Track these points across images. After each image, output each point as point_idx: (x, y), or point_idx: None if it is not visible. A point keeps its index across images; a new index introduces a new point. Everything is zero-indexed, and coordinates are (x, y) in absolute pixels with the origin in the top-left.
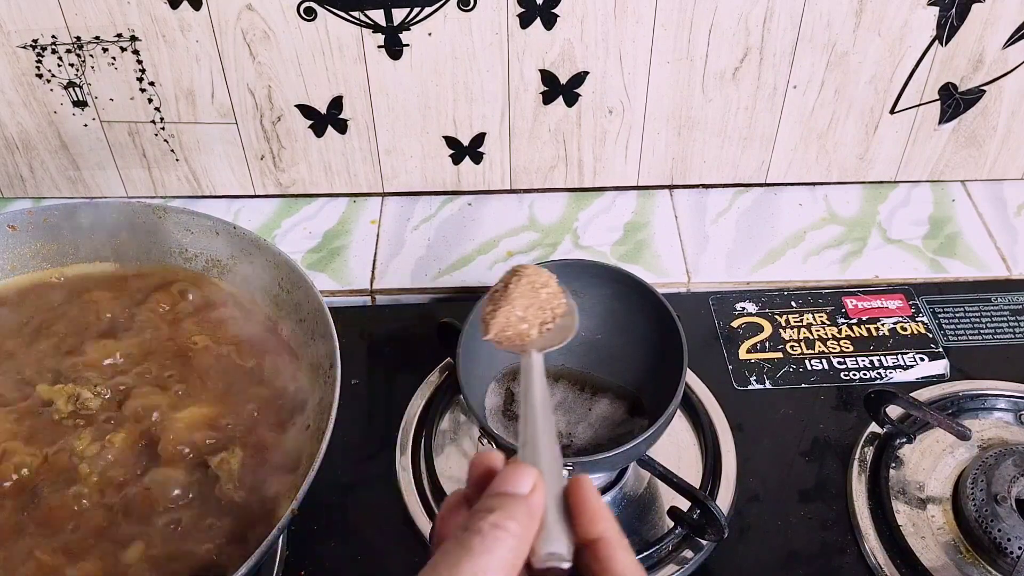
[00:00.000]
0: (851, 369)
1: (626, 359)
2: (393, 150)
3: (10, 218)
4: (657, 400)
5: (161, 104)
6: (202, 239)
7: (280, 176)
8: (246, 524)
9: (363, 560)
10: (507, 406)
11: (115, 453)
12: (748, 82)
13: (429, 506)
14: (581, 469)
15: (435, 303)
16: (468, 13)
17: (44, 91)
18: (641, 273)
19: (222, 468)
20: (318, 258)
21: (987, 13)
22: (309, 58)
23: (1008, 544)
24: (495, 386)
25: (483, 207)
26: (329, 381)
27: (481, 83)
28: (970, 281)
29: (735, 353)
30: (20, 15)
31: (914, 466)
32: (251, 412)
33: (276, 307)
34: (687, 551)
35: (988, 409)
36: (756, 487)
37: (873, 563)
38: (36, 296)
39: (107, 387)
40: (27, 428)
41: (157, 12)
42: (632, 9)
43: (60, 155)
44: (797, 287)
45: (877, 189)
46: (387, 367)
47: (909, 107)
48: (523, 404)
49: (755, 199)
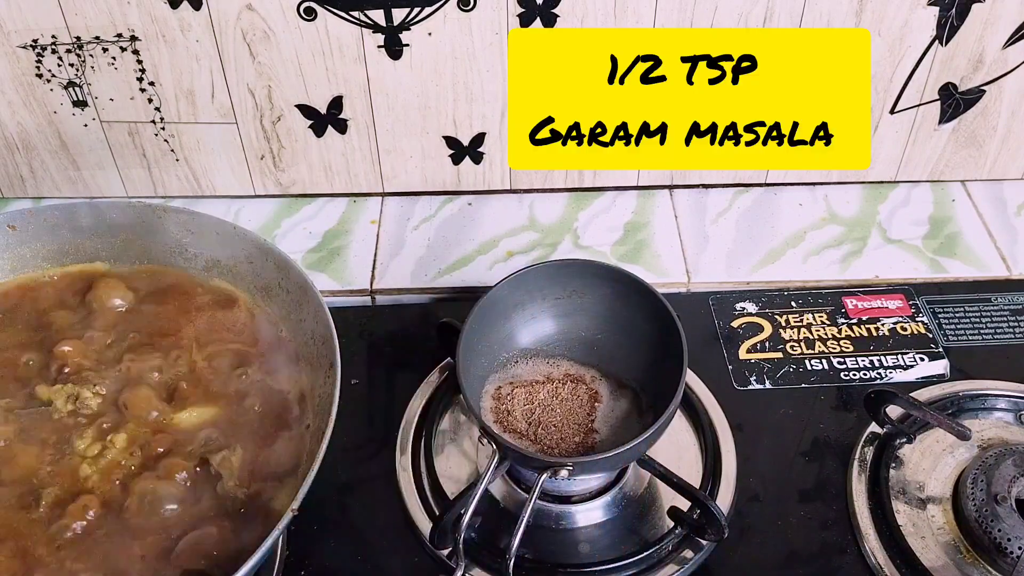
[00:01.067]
0: (851, 369)
1: (626, 359)
2: (393, 150)
3: (10, 218)
4: (657, 400)
5: (161, 104)
6: (202, 239)
7: (280, 176)
8: (246, 524)
9: (363, 560)
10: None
11: (116, 453)
12: None
13: (429, 506)
14: (581, 469)
15: (435, 303)
16: (468, 13)
17: (44, 91)
18: (641, 273)
19: (223, 467)
20: (318, 258)
21: (987, 13)
22: (309, 58)
23: (1008, 544)
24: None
25: (483, 207)
26: (329, 381)
27: (481, 83)
28: (970, 281)
29: (735, 353)
30: (20, 15)
31: (914, 466)
32: (251, 411)
33: (276, 307)
34: (687, 551)
35: (988, 409)
36: (756, 487)
37: (873, 563)
38: (35, 296)
39: (106, 387)
40: (27, 428)
41: (157, 12)
42: (632, 9)
43: (60, 155)
44: (797, 287)
45: (877, 189)
46: (387, 367)
47: (909, 107)
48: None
49: (755, 199)
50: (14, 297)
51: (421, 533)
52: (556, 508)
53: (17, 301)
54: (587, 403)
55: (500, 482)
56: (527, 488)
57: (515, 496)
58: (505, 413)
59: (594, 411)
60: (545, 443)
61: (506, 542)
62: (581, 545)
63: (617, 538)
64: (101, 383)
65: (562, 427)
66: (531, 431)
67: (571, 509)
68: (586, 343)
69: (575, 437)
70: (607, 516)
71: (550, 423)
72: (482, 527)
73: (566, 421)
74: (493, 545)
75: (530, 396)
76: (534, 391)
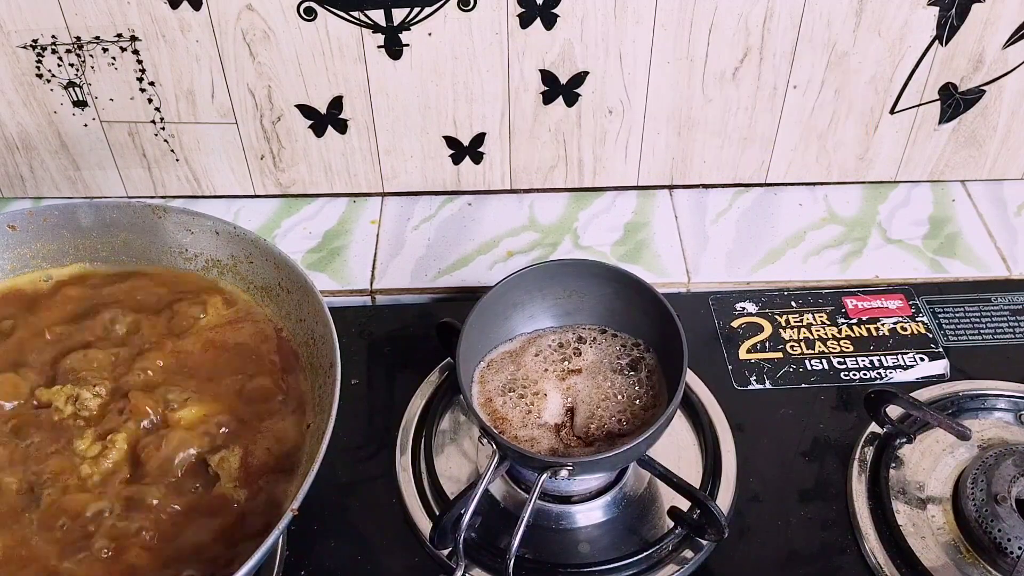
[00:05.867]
0: (851, 369)
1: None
2: (393, 150)
3: (10, 218)
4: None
5: (161, 104)
6: (202, 239)
7: (280, 176)
8: (246, 524)
9: (363, 560)
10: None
11: (116, 454)
12: (748, 82)
13: (429, 506)
14: (581, 469)
15: (435, 303)
16: (468, 13)
17: (44, 91)
18: (641, 273)
19: (222, 467)
20: (318, 258)
21: (987, 13)
22: (309, 58)
23: (1008, 544)
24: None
25: (483, 207)
26: (329, 381)
27: (481, 83)
28: (970, 281)
29: (735, 353)
30: (20, 15)
31: (914, 466)
32: (251, 411)
33: (276, 307)
34: (687, 551)
35: (988, 409)
36: (756, 487)
37: (873, 563)
38: (35, 295)
39: (106, 387)
40: (27, 428)
41: (157, 12)
42: (632, 9)
43: (60, 155)
44: (797, 287)
45: (877, 189)
46: (387, 367)
47: (909, 107)
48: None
49: (755, 199)
50: (15, 297)
51: (421, 533)
52: (556, 508)
53: (18, 302)
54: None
55: (500, 482)
56: (527, 488)
57: (515, 496)
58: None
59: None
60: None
61: (506, 542)
62: (581, 545)
63: (617, 538)
64: (101, 384)
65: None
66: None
67: (571, 509)
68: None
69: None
70: (607, 516)
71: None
72: (482, 527)
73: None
74: (493, 545)
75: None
76: None
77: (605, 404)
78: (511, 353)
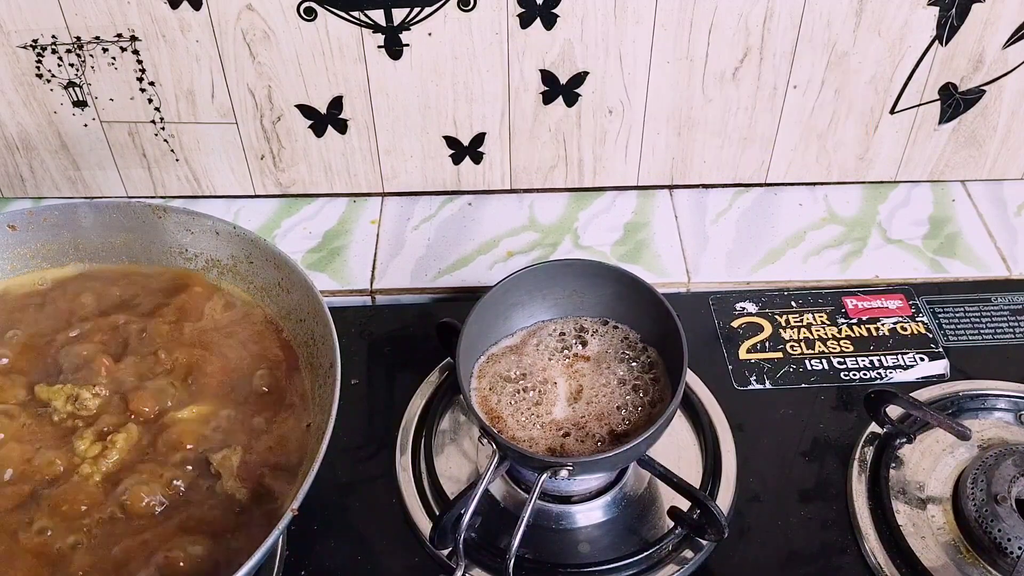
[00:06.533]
0: (851, 369)
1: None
2: (393, 150)
3: (10, 218)
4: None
5: (161, 104)
6: (202, 239)
7: (280, 176)
8: (246, 523)
9: (363, 560)
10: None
11: (117, 453)
12: (748, 82)
13: (429, 506)
14: (581, 469)
15: (435, 303)
16: (468, 13)
17: (44, 91)
18: (641, 273)
19: (223, 466)
20: (318, 258)
21: (987, 13)
22: (309, 58)
23: (1008, 544)
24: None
25: (483, 207)
26: (329, 381)
27: (481, 83)
28: (970, 281)
29: (735, 353)
30: (20, 15)
31: (914, 466)
32: (251, 411)
33: (276, 307)
34: (687, 551)
35: (988, 409)
36: (756, 487)
37: (873, 563)
38: (34, 295)
39: (106, 387)
40: (27, 429)
41: (157, 12)
42: (632, 9)
43: (60, 155)
44: (797, 287)
45: (877, 189)
46: (387, 367)
47: (909, 107)
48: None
49: (755, 199)
50: (15, 297)
51: (421, 533)
52: (556, 508)
53: (17, 301)
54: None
55: (500, 482)
56: (527, 488)
57: (515, 496)
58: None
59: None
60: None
61: (506, 542)
62: (581, 545)
63: (617, 538)
64: (100, 383)
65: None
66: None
67: (571, 509)
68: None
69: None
70: (607, 516)
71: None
72: (482, 527)
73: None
74: (493, 545)
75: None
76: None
77: (608, 391)
78: (512, 347)
